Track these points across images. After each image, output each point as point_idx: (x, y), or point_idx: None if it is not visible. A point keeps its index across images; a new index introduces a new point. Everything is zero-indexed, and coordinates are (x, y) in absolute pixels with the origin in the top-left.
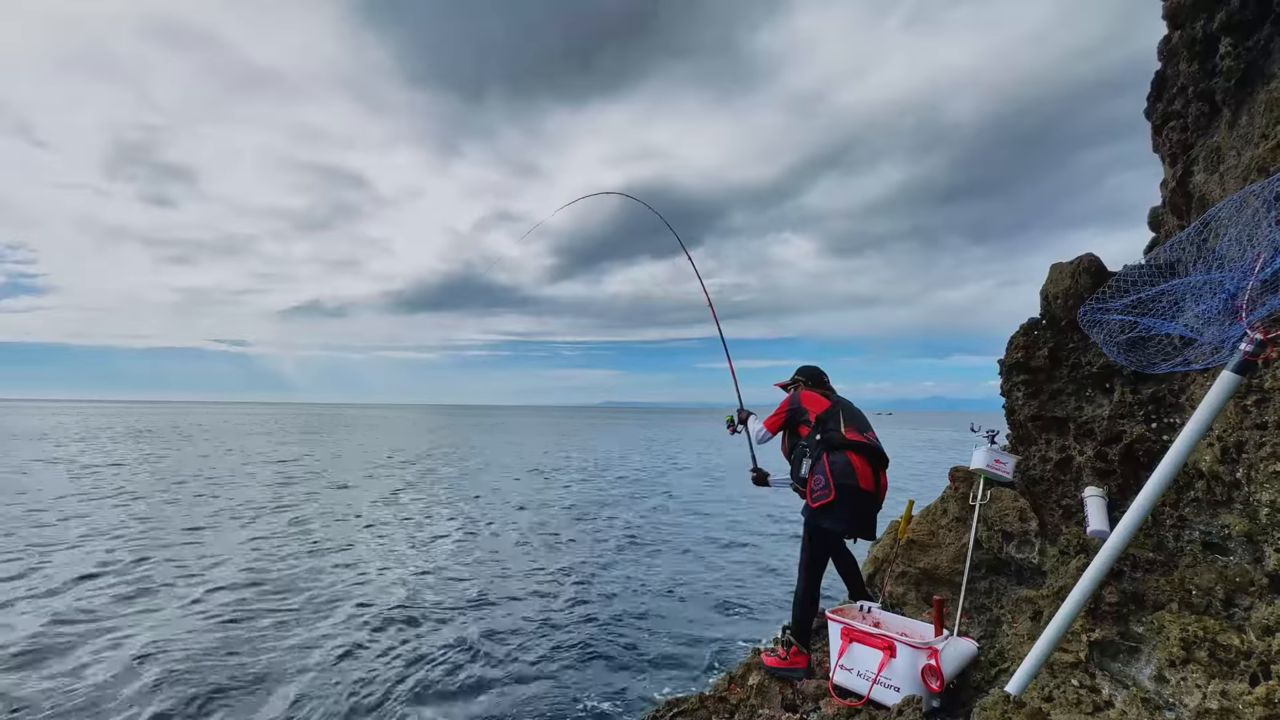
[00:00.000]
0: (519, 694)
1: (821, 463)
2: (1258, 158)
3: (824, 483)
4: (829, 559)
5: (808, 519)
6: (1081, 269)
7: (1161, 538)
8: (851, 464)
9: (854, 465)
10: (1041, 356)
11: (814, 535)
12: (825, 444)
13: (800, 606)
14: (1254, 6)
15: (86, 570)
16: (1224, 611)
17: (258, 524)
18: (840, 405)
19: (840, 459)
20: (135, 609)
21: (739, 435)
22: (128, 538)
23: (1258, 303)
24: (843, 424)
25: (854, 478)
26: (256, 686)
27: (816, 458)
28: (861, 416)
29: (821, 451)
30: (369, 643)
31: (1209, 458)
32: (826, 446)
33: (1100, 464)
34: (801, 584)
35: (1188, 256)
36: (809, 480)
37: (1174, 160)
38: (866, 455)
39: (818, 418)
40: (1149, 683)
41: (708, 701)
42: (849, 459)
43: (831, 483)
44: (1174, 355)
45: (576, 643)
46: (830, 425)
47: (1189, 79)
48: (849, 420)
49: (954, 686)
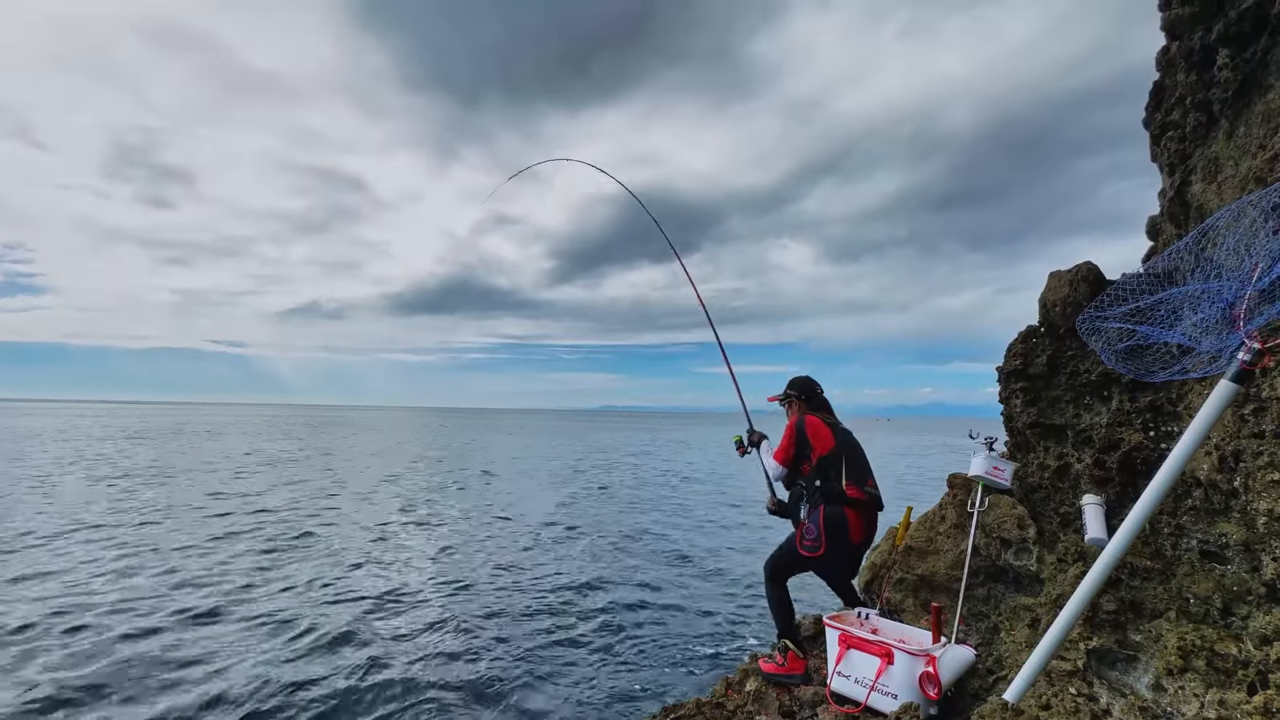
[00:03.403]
0: (515, 699)
1: (817, 514)
2: (1255, 168)
3: (815, 535)
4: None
5: (792, 551)
6: (1080, 277)
7: (1159, 546)
8: (846, 521)
9: (848, 522)
10: (1040, 364)
11: (791, 564)
12: (824, 495)
13: (776, 609)
14: (1251, 19)
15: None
16: (1222, 620)
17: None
18: (842, 447)
19: (836, 514)
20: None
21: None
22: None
23: (1255, 312)
24: (844, 475)
25: (846, 534)
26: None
27: (813, 506)
28: (863, 460)
29: (819, 502)
30: (351, 643)
31: (1207, 466)
32: (824, 498)
33: (1098, 472)
34: (772, 592)
35: (1185, 265)
36: (801, 525)
37: (1172, 170)
38: (863, 510)
39: (820, 461)
40: (1147, 691)
41: (705, 707)
42: (845, 515)
43: (823, 538)
44: (1172, 364)
45: (572, 647)
46: (832, 475)
47: (1187, 89)
48: (850, 471)
49: (951, 694)
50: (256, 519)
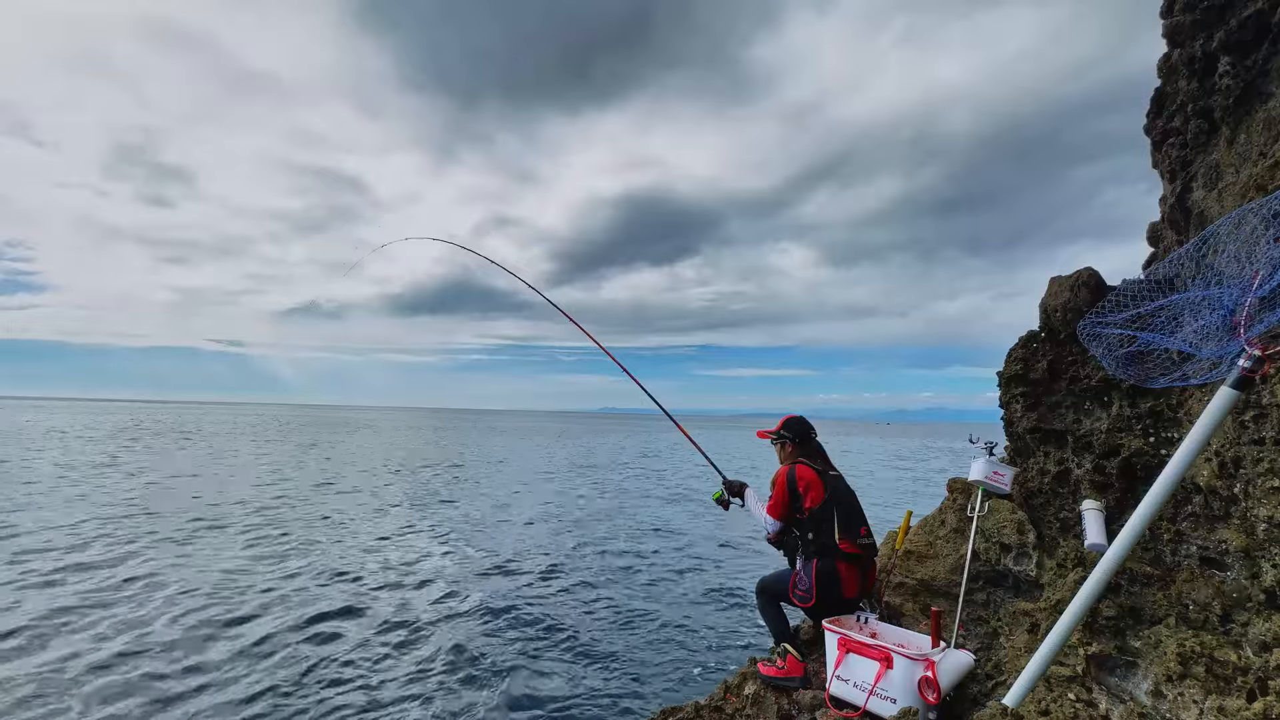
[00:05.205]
0: (514, 701)
1: (810, 567)
2: (1256, 175)
3: (808, 586)
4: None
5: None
6: (1080, 283)
7: (1159, 552)
8: (838, 575)
9: (840, 576)
10: (1040, 369)
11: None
12: (817, 548)
13: (770, 618)
14: (1252, 27)
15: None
16: (1221, 627)
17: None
18: (835, 496)
19: (828, 568)
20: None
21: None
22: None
23: (1256, 319)
24: (837, 530)
25: (839, 589)
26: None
27: (806, 558)
28: (855, 511)
29: (813, 555)
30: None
31: (1207, 472)
32: (818, 551)
33: (1098, 477)
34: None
35: (1186, 272)
36: (795, 575)
37: (1173, 176)
38: (856, 563)
39: (811, 513)
40: (1146, 698)
41: (703, 710)
42: (837, 569)
43: (815, 591)
44: (1172, 370)
45: (572, 649)
46: (824, 528)
47: (1188, 96)
48: (843, 524)
49: (950, 699)
50: (234, 511)
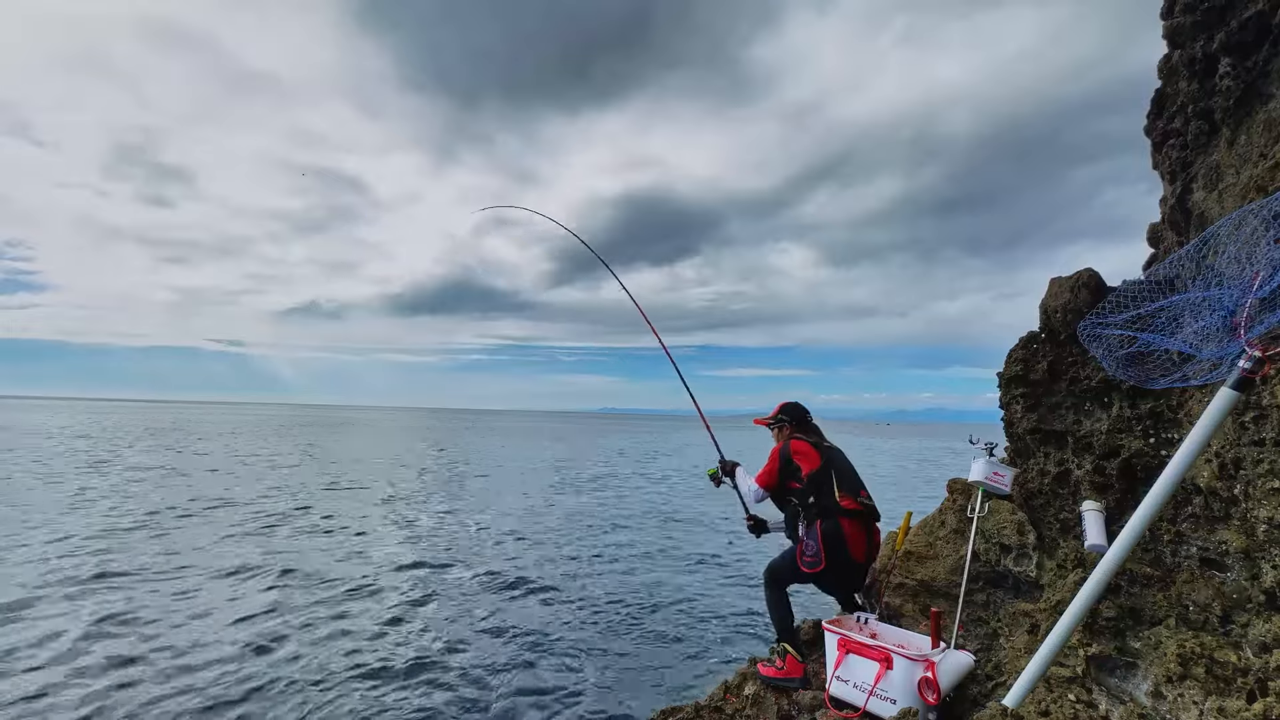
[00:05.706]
0: (513, 701)
1: (814, 529)
2: (1256, 176)
3: (815, 550)
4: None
5: (792, 566)
6: (1081, 283)
7: (1159, 553)
8: (844, 534)
9: (846, 535)
10: (1040, 370)
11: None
12: (819, 509)
13: (775, 612)
14: (1253, 28)
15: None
16: (1221, 628)
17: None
18: (832, 462)
19: (833, 527)
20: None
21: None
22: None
23: (1256, 320)
24: (836, 489)
25: (846, 549)
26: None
27: (810, 522)
28: (853, 474)
29: (815, 517)
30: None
31: (1207, 474)
32: (820, 513)
33: (1098, 478)
34: (771, 595)
35: (1186, 273)
36: (800, 543)
37: (1173, 177)
38: (860, 520)
39: (809, 477)
40: (1146, 699)
41: (703, 711)
42: (842, 527)
43: (823, 553)
44: (1173, 371)
45: (572, 649)
46: (824, 489)
47: (1188, 97)
48: (842, 483)
49: (950, 699)
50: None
